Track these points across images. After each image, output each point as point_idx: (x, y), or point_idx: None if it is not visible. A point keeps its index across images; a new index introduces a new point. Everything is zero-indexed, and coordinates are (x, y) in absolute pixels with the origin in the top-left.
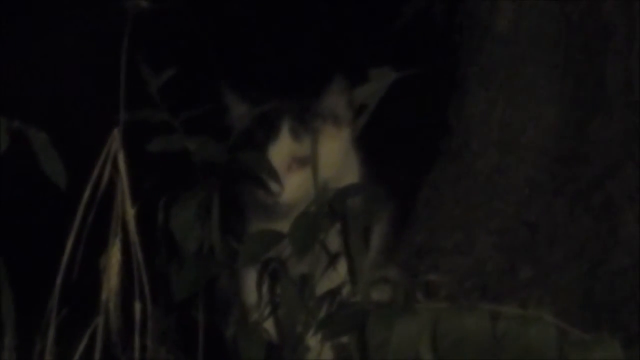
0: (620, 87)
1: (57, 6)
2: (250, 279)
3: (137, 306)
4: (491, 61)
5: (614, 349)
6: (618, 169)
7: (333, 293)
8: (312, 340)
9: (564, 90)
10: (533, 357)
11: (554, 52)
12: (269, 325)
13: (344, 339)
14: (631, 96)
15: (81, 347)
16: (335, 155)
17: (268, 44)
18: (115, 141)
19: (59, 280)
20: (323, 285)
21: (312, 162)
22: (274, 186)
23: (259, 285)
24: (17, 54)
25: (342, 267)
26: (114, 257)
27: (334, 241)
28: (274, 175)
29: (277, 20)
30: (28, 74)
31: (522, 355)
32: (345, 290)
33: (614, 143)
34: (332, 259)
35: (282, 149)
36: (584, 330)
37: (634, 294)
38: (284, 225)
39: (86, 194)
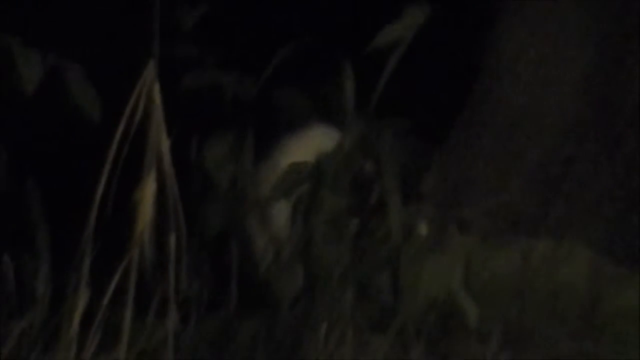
0: None
1: None
2: (283, 214)
3: (172, 238)
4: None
5: None
6: None
7: (366, 229)
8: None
9: (599, 28)
10: (566, 293)
11: None
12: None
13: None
14: None
15: (116, 278)
16: None
17: None
18: (150, 73)
19: (94, 212)
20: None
21: None
22: None
23: (292, 221)
24: None
25: None
26: (149, 188)
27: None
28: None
29: None
30: (62, 7)
31: (555, 290)
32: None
33: None
34: (367, 195)
35: None
36: (618, 266)
37: None
38: None
39: (121, 127)
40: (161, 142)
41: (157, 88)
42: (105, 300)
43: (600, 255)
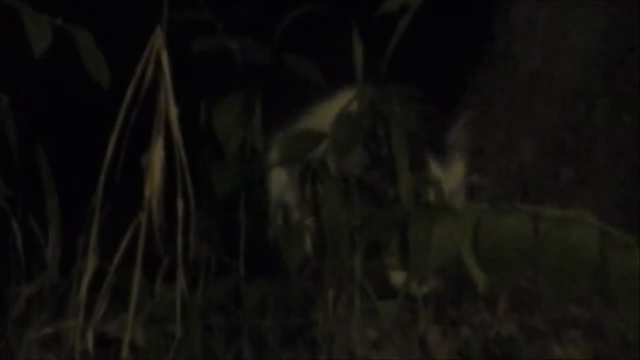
0: None
1: None
2: (291, 178)
3: (180, 204)
4: None
5: None
6: None
7: (376, 194)
8: None
9: None
10: (574, 259)
11: None
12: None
13: None
14: None
15: (124, 243)
16: None
17: None
18: (158, 39)
19: (102, 178)
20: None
21: None
22: None
23: (301, 185)
24: None
25: None
26: (157, 154)
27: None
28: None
29: None
30: None
31: (563, 256)
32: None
33: None
34: (375, 160)
35: None
36: (625, 232)
37: None
38: None
39: (129, 92)
40: (170, 107)
41: (165, 55)
42: (114, 266)
43: (610, 221)
